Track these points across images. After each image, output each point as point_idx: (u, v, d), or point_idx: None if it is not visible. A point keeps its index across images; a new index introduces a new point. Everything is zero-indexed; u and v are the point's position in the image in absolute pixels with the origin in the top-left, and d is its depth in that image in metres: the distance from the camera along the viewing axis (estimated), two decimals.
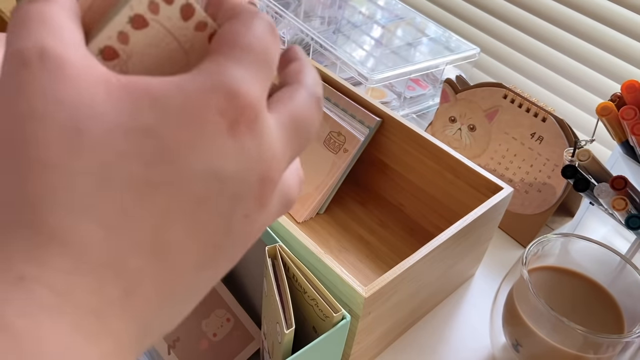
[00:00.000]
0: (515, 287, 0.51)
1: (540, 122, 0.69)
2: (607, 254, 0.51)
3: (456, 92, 0.76)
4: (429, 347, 0.57)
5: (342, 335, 0.43)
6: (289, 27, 0.89)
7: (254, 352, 0.53)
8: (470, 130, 0.75)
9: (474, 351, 0.57)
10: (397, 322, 0.54)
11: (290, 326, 0.39)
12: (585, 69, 0.83)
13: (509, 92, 0.72)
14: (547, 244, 0.52)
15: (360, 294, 0.43)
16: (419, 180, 0.66)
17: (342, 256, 0.64)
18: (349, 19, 0.96)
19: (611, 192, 0.54)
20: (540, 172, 0.70)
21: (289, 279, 0.43)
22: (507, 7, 0.90)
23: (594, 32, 0.80)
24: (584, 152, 0.56)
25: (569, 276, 0.52)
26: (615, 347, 0.46)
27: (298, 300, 0.43)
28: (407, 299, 0.51)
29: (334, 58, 0.79)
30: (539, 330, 0.47)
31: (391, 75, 0.77)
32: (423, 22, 0.93)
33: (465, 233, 0.53)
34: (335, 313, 0.40)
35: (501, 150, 0.73)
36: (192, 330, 0.52)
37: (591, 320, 0.49)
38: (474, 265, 0.64)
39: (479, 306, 0.62)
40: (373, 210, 0.70)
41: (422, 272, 0.50)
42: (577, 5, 0.81)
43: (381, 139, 0.68)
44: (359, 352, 0.50)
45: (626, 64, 0.78)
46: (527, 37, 0.89)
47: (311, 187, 0.67)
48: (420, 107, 0.88)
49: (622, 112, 0.55)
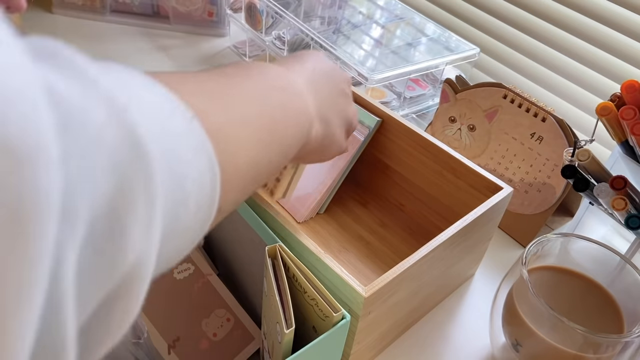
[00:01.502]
0: (515, 287, 0.51)
1: (540, 122, 0.69)
2: (607, 254, 0.51)
3: (456, 92, 0.76)
4: (429, 347, 0.57)
5: (342, 335, 0.43)
6: (289, 27, 0.89)
7: (254, 352, 0.53)
8: (470, 130, 0.75)
9: (474, 351, 0.58)
10: (397, 322, 0.54)
11: (290, 326, 0.39)
12: (585, 69, 0.83)
13: (509, 92, 0.72)
14: (547, 244, 0.52)
15: (360, 293, 0.43)
16: (419, 180, 0.66)
17: (342, 256, 0.64)
18: (349, 19, 0.96)
19: (611, 192, 0.54)
20: (540, 172, 0.70)
21: (289, 279, 0.43)
22: (507, 7, 0.90)
23: (594, 32, 0.80)
24: (583, 152, 0.56)
25: (569, 276, 0.52)
26: (615, 347, 0.46)
27: (298, 300, 0.43)
28: (407, 298, 0.51)
29: (334, 58, 0.79)
30: (539, 330, 0.47)
31: (391, 75, 0.77)
32: (423, 22, 0.94)
33: (465, 233, 0.53)
34: (335, 313, 0.40)
35: (501, 150, 0.73)
36: (192, 330, 0.52)
37: (591, 320, 0.49)
38: (473, 265, 0.64)
39: (479, 306, 0.62)
40: (373, 210, 0.70)
41: (422, 272, 0.50)
42: (577, 5, 0.81)
43: (381, 139, 0.68)
44: (359, 351, 0.50)
45: (626, 64, 0.78)
46: (527, 37, 0.89)
47: (311, 187, 0.67)
48: (420, 107, 0.88)
49: (622, 112, 0.55)
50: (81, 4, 1.02)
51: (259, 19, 0.91)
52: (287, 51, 0.90)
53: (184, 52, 0.98)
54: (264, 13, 0.90)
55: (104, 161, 0.19)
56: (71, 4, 1.02)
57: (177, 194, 0.24)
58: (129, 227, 0.20)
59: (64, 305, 0.18)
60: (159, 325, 0.51)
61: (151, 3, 1.03)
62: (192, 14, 1.03)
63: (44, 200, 0.16)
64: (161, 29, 1.03)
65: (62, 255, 0.18)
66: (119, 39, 1.00)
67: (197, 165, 0.25)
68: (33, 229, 0.16)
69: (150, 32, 1.02)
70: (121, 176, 0.20)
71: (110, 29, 1.02)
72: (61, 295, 0.18)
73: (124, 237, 0.20)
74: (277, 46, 0.91)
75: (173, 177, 0.24)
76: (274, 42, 0.92)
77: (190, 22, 1.03)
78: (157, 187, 0.22)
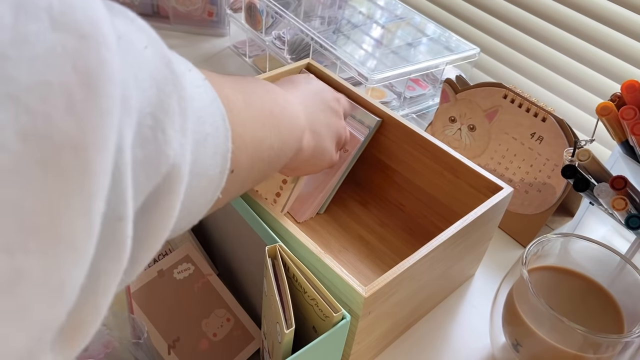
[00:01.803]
0: (515, 287, 0.51)
1: (540, 122, 0.69)
2: (607, 254, 0.51)
3: (456, 92, 0.76)
4: (429, 347, 0.57)
5: (342, 335, 0.43)
6: (289, 27, 0.89)
7: (254, 352, 0.53)
8: (470, 130, 0.75)
9: (474, 351, 0.58)
10: (397, 322, 0.54)
11: (290, 326, 0.39)
12: (585, 69, 0.83)
13: (509, 92, 0.72)
14: (547, 244, 0.52)
15: (360, 293, 0.43)
16: (419, 180, 0.66)
17: (342, 256, 0.64)
18: (349, 19, 0.96)
19: (611, 192, 0.54)
20: (540, 172, 0.70)
21: (289, 279, 0.43)
22: (507, 7, 0.90)
23: (594, 32, 0.80)
24: (583, 152, 0.56)
25: (569, 276, 0.52)
26: (615, 347, 0.46)
27: (298, 300, 0.43)
28: (407, 298, 0.51)
29: (334, 58, 0.79)
30: (539, 330, 0.47)
31: (391, 75, 0.77)
32: (423, 22, 0.93)
33: (465, 233, 0.53)
34: (335, 313, 0.40)
35: (501, 150, 0.73)
36: (192, 330, 0.52)
37: (591, 320, 0.49)
38: (474, 265, 0.64)
39: (479, 306, 0.62)
40: (373, 210, 0.70)
41: (422, 272, 0.50)
42: (577, 5, 0.81)
43: (381, 139, 0.68)
44: (359, 352, 0.50)
45: (626, 64, 0.78)
46: (527, 37, 0.89)
47: (311, 187, 0.67)
48: (420, 107, 0.88)
49: (622, 112, 0.55)
50: None
51: (259, 19, 0.91)
52: (287, 51, 0.90)
53: (184, 52, 0.98)
54: (264, 13, 0.90)
55: (145, 73, 0.23)
56: None
57: (198, 131, 0.28)
58: (168, 130, 0.24)
59: (125, 177, 0.21)
60: (159, 325, 0.51)
61: (151, 3, 1.03)
62: (192, 14, 1.03)
63: (110, 70, 0.19)
64: (161, 28, 1.03)
65: (123, 132, 0.20)
66: None
67: (212, 114, 0.30)
68: (105, 93, 0.18)
69: None
70: (159, 88, 0.24)
71: None
72: (124, 169, 0.20)
73: (165, 137, 0.24)
74: (277, 46, 0.91)
75: (195, 113, 0.28)
76: (274, 42, 0.92)
77: (190, 22, 1.03)
78: (188, 104, 0.26)
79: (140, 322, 0.46)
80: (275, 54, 0.91)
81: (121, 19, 0.24)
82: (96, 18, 0.19)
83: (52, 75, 0.17)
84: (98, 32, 0.19)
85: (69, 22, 0.18)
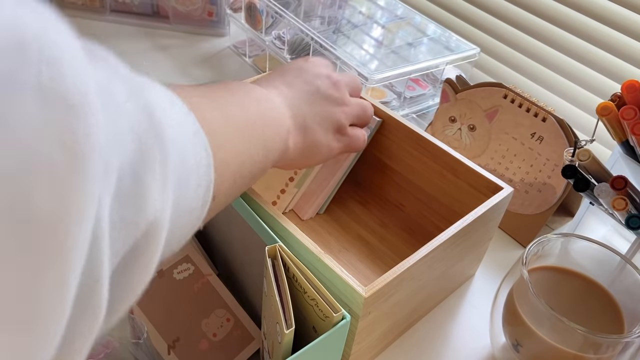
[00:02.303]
0: (515, 287, 0.51)
1: (540, 122, 0.69)
2: (607, 254, 0.51)
3: (456, 92, 0.76)
4: (429, 347, 0.57)
5: (342, 335, 0.43)
6: (289, 27, 0.89)
7: (254, 352, 0.53)
8: (470, 130, 0.75)
9: (474, 351, 0.57)
10: (397, 322, 0.54)
11: (290, 326, 0.39)
12: (585, 69, 0.83)
13: (509, 92, 0.72)
14: (547, 244, 0.52)
15: (360, 294, 0.43)
16: (419, 180, 0.66)
17: (342, 256, 0.64)
18: (349, 19, 0.96)
19: (611, 192, 0.54)
20: (540, 172, 0.70)
21: (289, 279, 0.43)
22: (507, 7, 0.90)
23: (594, 32, 0.80)
24: (584, 152, 0.56)
25: (569, 276, 0.52)
26: (615, 347, 0.46)
27: (298, 300, 0.43)
28: (407, 299, 0.51)
29: (334, 58, 0.79)
30: (539, 330, 0.47)
31: (391, 75, 0.77)
32: (423, 22, 0.93)
33: (465, 233, 0.53)
34: (335, 313, 0.40)
35: (501, 150, 0.73)
36: (192, 330, 0.52)
37: (591, 320, 0.49)
38: (474, 265, 0.64)
39: (479, 306, 0.62)
40: (373, 210, 0.70)
41: (422, 272, 0.50)
42: (577, 5, 0.81)
43: (381, 139, 0.68)
44: (359, 352, 0.50)
45: (626, 64, 0.78)
46: (527, 37, 0.89)
47: (314, 185, 0.67)
48: (420, 107, 0.88)
49: (622, 112, 0.55)
50: (81, 3, 1.02)
51: (259, 19, 0.91)
52: (287, 51, 0.90)
53: (183, 51, 0.98)
54: (264, 13, 0.90)
55: (126, 127, 0.23)
56: (71, 3, 1.02)
57: (181, 170, 0.28)
58: (149, 185, 0.24)
59: (102, 243, 0.20)
60: (159, 326, 0.51)
61: (151, 3, 1.03)
62: (192, 14, 1.03)
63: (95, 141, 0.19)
64: (161, 28, 1.03)
65: (102, 201, 0.20)
66: (118, 38, 1.00)
67: (195, 147, 0.30)
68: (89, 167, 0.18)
69: (150, 32, 1.02)
70: (140, 141, 0.24)
71: (110, 28, 1.02)
72: (101, 236, 0.20)
73: (145, 190, 0.23)
74: (277, 46, 0.91)
75: (178, 153, 0.28)
76: (274, 42, 0.92)
77: (190, 22, 1.03)
78: (170, 152, 0.26)
79: (140, 322, 0.46)
80: (275, 54, 0.91)
81: (102, 69, 0.24)
82: (84, 84, 0.18)
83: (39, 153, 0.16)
84: (85, 101, 0.18)
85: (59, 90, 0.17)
